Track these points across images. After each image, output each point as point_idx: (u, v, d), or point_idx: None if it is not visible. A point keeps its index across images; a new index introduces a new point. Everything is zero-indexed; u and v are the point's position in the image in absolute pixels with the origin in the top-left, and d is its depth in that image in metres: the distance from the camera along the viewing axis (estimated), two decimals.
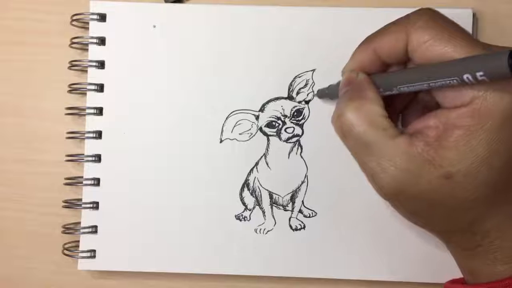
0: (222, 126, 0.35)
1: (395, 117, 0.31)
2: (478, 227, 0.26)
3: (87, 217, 0.35)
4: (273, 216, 0.35)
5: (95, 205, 0.35)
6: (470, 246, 0.26)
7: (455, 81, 0.23)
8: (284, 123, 0.35)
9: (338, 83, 0.31)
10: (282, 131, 0.35)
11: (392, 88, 0.27)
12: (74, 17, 0.36)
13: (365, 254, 0.35)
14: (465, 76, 0.23)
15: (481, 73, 0.22)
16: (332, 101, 0.34)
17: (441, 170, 0.24)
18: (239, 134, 0.35)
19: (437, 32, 0.25)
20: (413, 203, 0.26)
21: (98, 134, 0.35)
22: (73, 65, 0.36)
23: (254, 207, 0.35)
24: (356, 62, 0.29)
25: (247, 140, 0.35)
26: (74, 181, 0.36)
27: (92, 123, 0.36)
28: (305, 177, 0.35)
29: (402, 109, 0.31)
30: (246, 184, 0.35)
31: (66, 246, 0.36)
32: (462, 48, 0.24)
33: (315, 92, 0.35)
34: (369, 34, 0.28)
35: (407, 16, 0.27)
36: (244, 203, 0.35)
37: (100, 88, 0.36)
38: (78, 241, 0.35)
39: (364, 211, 0.35)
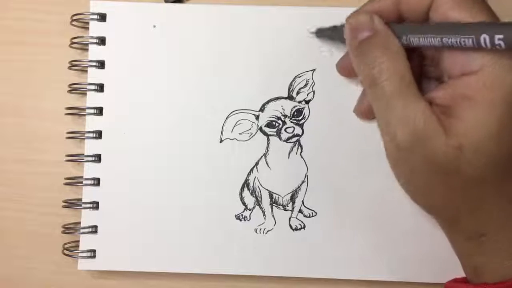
0: (222, 126, 0.35)
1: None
2: (482, 210, 0.25)
3: (87, 217, 0.35)
4: (273, 216, 0.35)
5: (95, 205, 0.35)
6: (473, 235, 0.26)
7: (470, 40, 0.23)
8: (284, 123, 0.35)
9: (343, 25, 0.29)
10: (282, 131, 0.35)
11: (403, 36, 0.26)
12: (74, 17, 0.36)
13: (365, 254, 0.35)
14: (482, 37, 0.22)
15: (500, 36, 0.22)
16: (332, 41, 0.33)
17: (454, 140, 0.24)
18: (239, 134, 0.35)
19: None
20: (421, 164, 0.25)
21: (98, 134, 0.35)
22: (73, 65, 0.36)
23: (254, 207, 0.35)
24: (374, 6, 0.28)
25: (247, 140, 0.35)
26: (74, 181, 0.36)
27: (92, 123, 0.36)
28: (305, 177, 0.35)
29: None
30: (246, 184, 0.35)
31: (66, 246, 0.36)
32: (482, 17, 0.24)
33: (313, 30, 0.34)
34: None
35: None
36: (244, 203, 0.35)
37: (100, 88, 0.36)
38: (78, 241, 0.35)
39: (364, 211, 0.35)
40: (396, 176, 0.27)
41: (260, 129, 0.35)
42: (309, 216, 0.35)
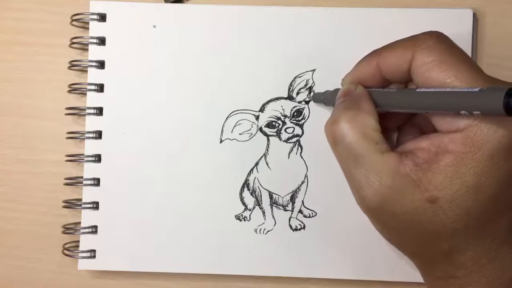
0: (222, 126, 0.35)
1: (389, 134, 0.32)
2: (454, 257, 0.25)
3: (87, 217, 0.35)
4: (273, 216, 0.35)
5: (95, 205, 0.35)
6: (444, 275, 0.26)
7: (451, 112, 0.24)
8: (284, 123, 0.35)
9: (335, 91, 0.32)
10: (282, 131, 0.35)
11: (388, 108, 0.27)
12: (74, 17, 0.36)
13: (365, 254, 0.35)
14: (461, 112, 0.23)
15: (477, 112, 0.22)
16: (326, 107, 0.34)
17: (426, 194, 0.24)
18: (239, 134, 0.35)
19: (443, 56, 0.25)
20: (392, 220, 0.26)
21: (98, 134, 0.35)
22: (73, 65, 0.36)
23: (254, 207, 0.35)
24: (357, 73, 0.29)
25: (247, 140, 0.35)
26: (74, 181, 0.36)
27: (92, 123, 0.36)
28: (305, 177, 0.35)
29: (396, 127, 0.32)
30: (246, 184, 0.35)
31: (66, 246, 0.36)
32: (463, 76, 0.24)
33: (311, 95, 0.35)
34: (375, 49, 0.29)
35: (416, 35, 0.27)
36: (244, 203, 0.35)
37: (100, 88, 0.36)
38: (78, 241, 0.35)
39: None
40: (373, 225, 0.28)
41: (260, 129, 0.35)
42: (309, 216, 0.35)
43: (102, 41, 0.36)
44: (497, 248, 0.25)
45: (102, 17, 0.36)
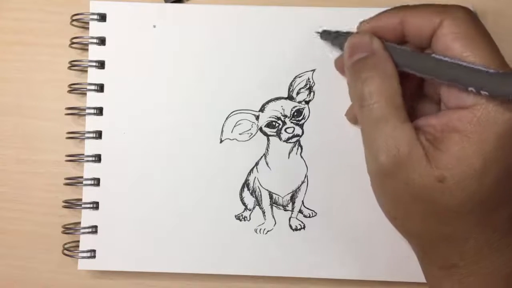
0: (222, 126, 0.35)
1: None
2: (456, 244, 0.25)
3: (87, 217, 0.35)
4: (273, 216, 0.35)
5: (95, 205, 0.35)
6: (445, 264, 0.26)
7: (459, 86, 0.24)
8: (284, 123, 0.35)
9: (347, 33, 0.30)
10: (282, 131, 0.35)
11: (400, 63, 0.27)
12: (74, 17, 0.36)
13: (365, 254, 0.35)
14: (469, 88, 0.23)
15: (485, 92, 0.23)
16: (333, 47, 0.33)
17: (436, 172, 0.24)
18: (239, 134, 0.35)
19: (470, 31, 0.25)
20: (401, 191, 0.25)
21: (98, 134, 0.35)
22: (73, 65, 0.36)
23: (254, 207, 0.35)
24: (378, 23, 0.28)
25: (247, 140, 0.35)
26: (74, 181, 0.36)
27: (92, 123, 0.36)
28: (305, 177, 0.35)
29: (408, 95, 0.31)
30: (246, 184, 0.35)
31: (66, 246, 0.36)
32: (483, 54, 0.24)
33: (319, 31, 0.34)
34: (403, 4, 0.28)
35: (447, 5, 0.26)
36: (244, 203, 0.35)
37: (100, 88, 0.36)
38: (78, 241, 0.35)
39: (364, 211, 0.34)
40: (377, 198, 0.28)
41: (260, 129, 0.35)
42: (309, 216, 0.35)
43: (102, 41, 0.36)
44: (499, 240, 0.25)
45: (102, 17, 0.36)
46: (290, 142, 0.35)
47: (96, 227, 0.35)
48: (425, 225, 0.26)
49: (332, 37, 0.33)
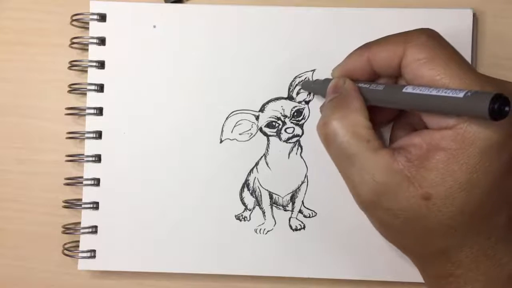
0: (222, 126, 0.35)
1: (381, 129, 0.32)
2: (451, 255, 0.25)
3: (87, 217, 0.35)
4: (273, 216, 0.35)
5: (95, 205, 0.35)
6: (443, 274, 0.26)
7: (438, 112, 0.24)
8: (284, 123, 0.35)
9: (324, 81, 0.32)
10: (282, 131, 0.35)
11: (376, 103, 0.27)
12: (74, 17, 0.36)
13: (365, 254, 0.35)
14: (448, 113, 0.23)
15: (464, 117, 0.23)
16: (316, 96, 0.34)
17: (420, 190, 0.24)
18: (239, 134, 0.35)
19: (434, 53, 0.25)
20: (388, 217, 0.26)
21: (98, 134, 0.35)
22: (73, 65, 0.36)
23: (254, 207, 0.35)
24: (347, 66, 0.29)
25: (247, 140, 0.35)
26: (74, 181, 0.36)
27: (92, 123, 0.36)
28: (305, 177, 0.35)
29: (389, 121, 0.32)
30: (246, 184, 0.35)
31: (66, 246, 0.36)
32: (453, 74, 0.24)
33: (301, 82, 0.35)
34: (367, 42, 0.28)
35: (408, 32, 0.27)
36: (244, 203, 0.35)
37: (100, 88, 0.36)
38: (78, 241, 0.35)
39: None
40: (371, 223, 0.28)
41: (260, 129, 0.35)
42: (309, 216, 0.35)
43: (102, 41, 0.36)
44: (494, 246, 0.25)
45: (102, 17, 0.36)
46: (290, 142, 0.35)
47: (96, 227, 0.35)
48: (418, 242, 0.26)
49: (313, 85, 0.34)
